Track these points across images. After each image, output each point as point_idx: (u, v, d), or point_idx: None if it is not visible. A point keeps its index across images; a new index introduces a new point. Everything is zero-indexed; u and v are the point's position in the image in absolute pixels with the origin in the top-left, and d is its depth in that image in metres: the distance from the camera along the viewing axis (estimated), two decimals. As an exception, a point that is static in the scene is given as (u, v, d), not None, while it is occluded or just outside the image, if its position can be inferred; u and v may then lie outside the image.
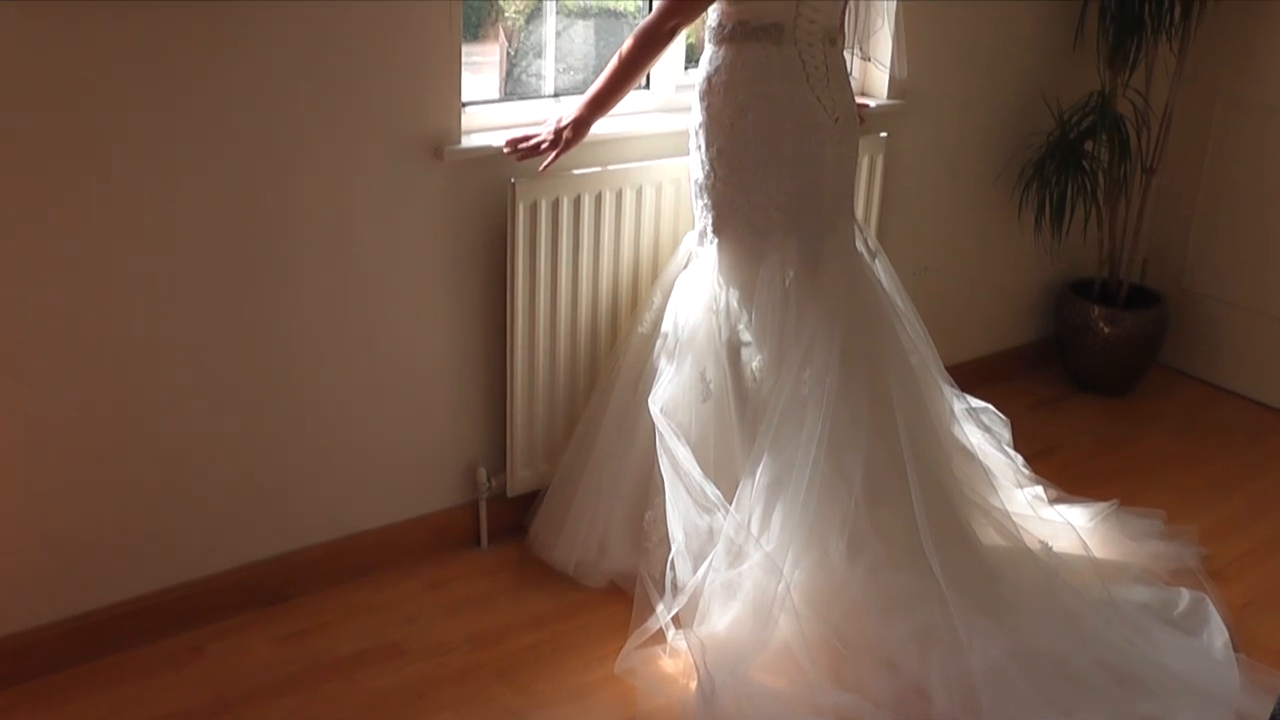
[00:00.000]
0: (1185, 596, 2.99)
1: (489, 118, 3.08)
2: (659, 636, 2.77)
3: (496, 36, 3.36)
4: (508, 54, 3.36)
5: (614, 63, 2.86)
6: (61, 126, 2.43)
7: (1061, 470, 3.59)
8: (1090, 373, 4.29)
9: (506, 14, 3.35)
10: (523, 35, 3.33)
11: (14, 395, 2.52)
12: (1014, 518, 3.03)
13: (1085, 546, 3.06)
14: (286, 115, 2.68)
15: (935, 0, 3.66)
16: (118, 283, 2.58)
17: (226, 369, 2.76)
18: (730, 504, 2.77)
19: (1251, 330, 4.30)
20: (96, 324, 2.57)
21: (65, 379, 2.57)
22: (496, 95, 3.32)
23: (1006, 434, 3.39)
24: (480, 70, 3.32)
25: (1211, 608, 2.94)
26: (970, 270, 4.14)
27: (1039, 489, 3.28)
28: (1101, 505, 3.33)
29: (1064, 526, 3.12)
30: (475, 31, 3.28)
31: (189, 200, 2.61)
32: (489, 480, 3.17)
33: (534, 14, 3.26)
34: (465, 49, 2.91)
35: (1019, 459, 3.34)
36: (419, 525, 3.14)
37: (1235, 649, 2.84)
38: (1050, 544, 3.01)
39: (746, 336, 2.88)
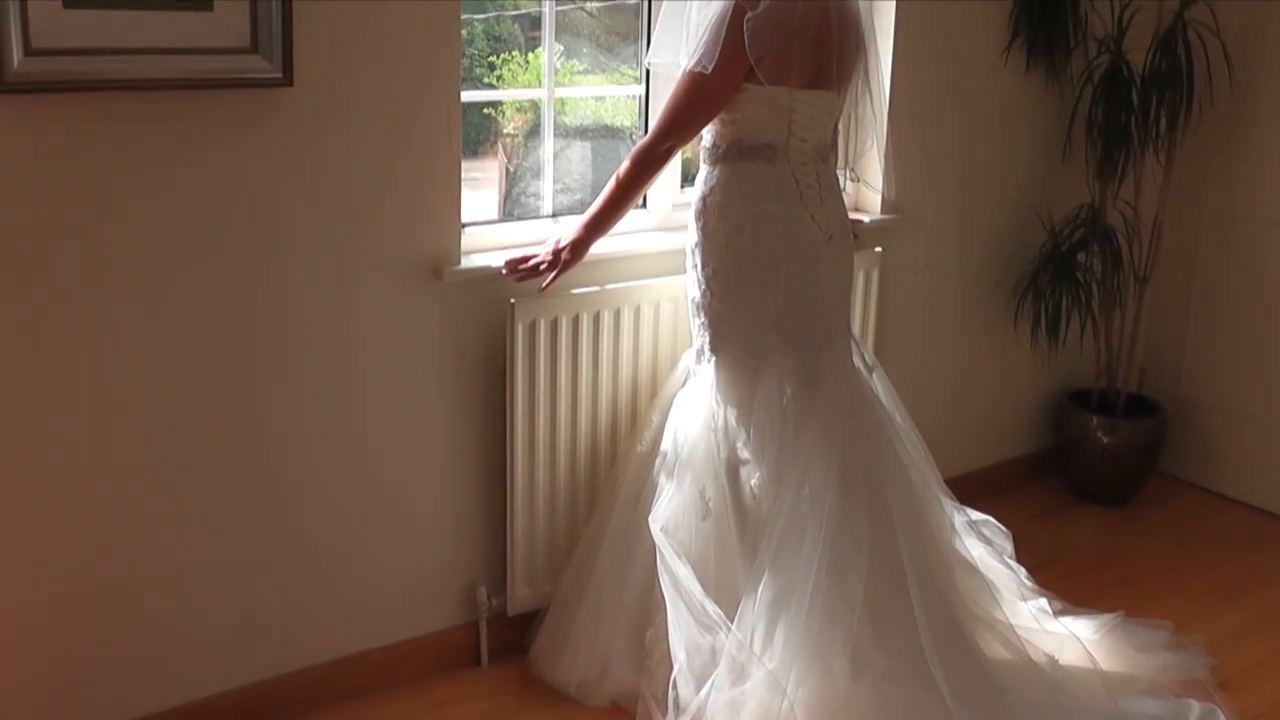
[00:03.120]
0: (1195, 709, 2.96)
1: (488, 238, 3.12)
2: (662, 757, 2.74)
3: (496, 153, 3.42)
4: (507, 170, 3.41)
5: (611, 185, 2.91)
6: (59, 250, 2.47)
7: (1065, 581, 3.56)
8: (1091, 483, 4.29)
9: (506, 130, 3.41)
10: (522, 152, 3.38)
11: (11, 520, 2.52)
12: (1018, 630, 3.01)
13: (1091, 659, 3.03)
14: (287, 237, 2.72)
15: (925, 117, 3.74)
16: (115, 405, 2.59)
17: (225, 489, 2.76)
18: (732, 622, 2.76)
19: (1251, 437, 4.30)
20: (94, 448, 2.59)
21: (63, 503, 2.58)
22: (496, 213, 3.37)
23: (1008, 546, 3.38)
24: (480, 186, 3.38)
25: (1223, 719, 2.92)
26: (968, 382, 4.16)
27: (1043, 601, 3.26)
28: (1107, 616, 3.30)
29: (1069, 639, 3.10)
30: (475, 148, 3.33)
31: (186, 323, 2.64)
32: (489, 599, 3.16)
33: (533, 131, 3.32)
34: (465, 165, 2.96)
35: (1022, 571, 3.32)
36: (419, 645, 3.12)
37: (1247, 762, 2.81)
38: (1056, 656, 2.98)
39: (745, 454, 2.89)
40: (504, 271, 2.93)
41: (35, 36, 2.31)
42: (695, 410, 2.96)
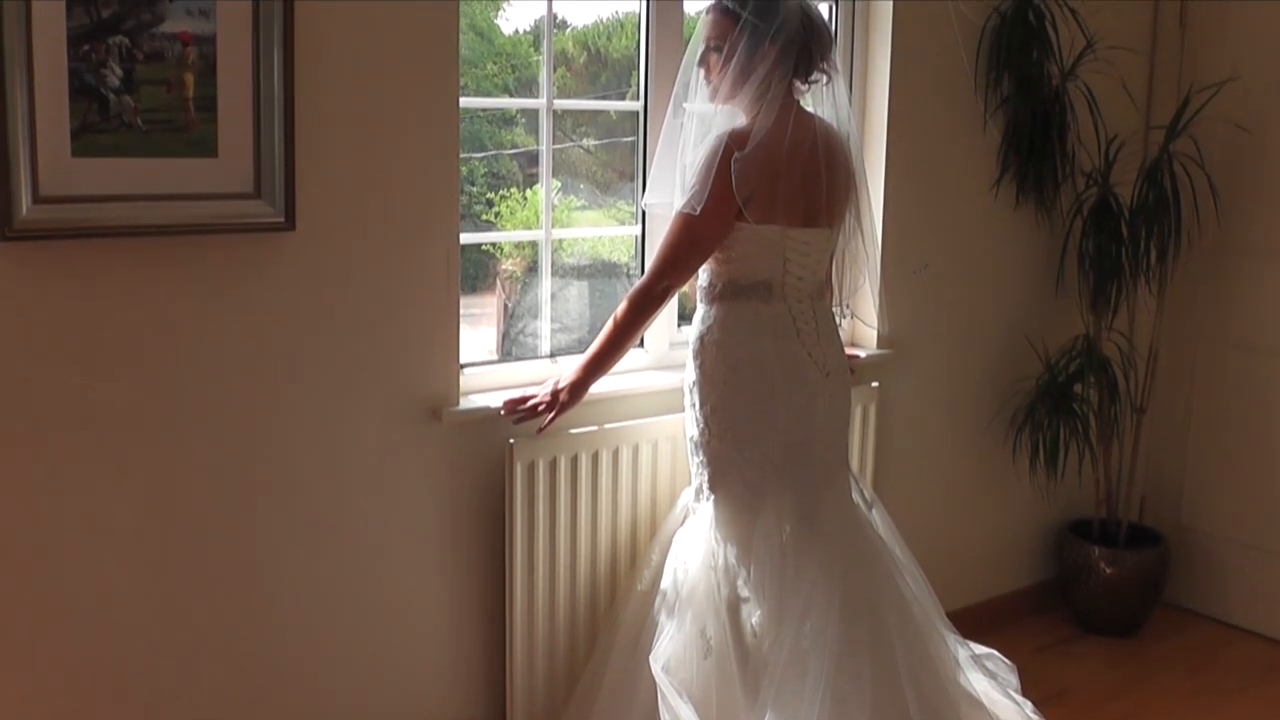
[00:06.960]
0: None
1: (487, 378, 3.14)
2: None
3: (495, 290, 3.46)
4: (505, 307, 3.45)
5: (609, 326, 2.93)
6: (62, 393, 2.48)
7: (1074, 715, 3.52)
8: (1095, 614, 4.25)
9: (504, 268, 3.45)
10: (520, 289, 3.42)
11: (9, 650, 2.51)
12: (1027, 768, 2.97)
13: (1102, 796, 2.98)
14: (287, 378, 2.74)
15: (917, 253, 3.79)
16: (113, 544, 2.59)
17: (222, 627, 2.74)
18: (735, 763, 2.72)
19: (1255, 565, 4.28)
20: (95, 587, 2.58)
21: (55, 634, 2.56)
22: (495, 350, 3.39)
23: (1014, 679, 3.32)
24: (479, 323, 3.41)
25: None
26: (968, 515, 4.14)
27: (1051, 736, 3.22)
28: (1117, 752, 3.26)
29: (1079, 776, 3.05)
30: (474, 284, 3.37)
31: (188, 462, 2.65)
32: (489, 742, 3.12)
33: (531, 268, 3.36)
34: (464, 301, 2.99)
35: (1028, 705, 3.27)
36: (418, 792, 3.07)
37: None
38: (1066, 795, 2.93)
39: (745, 592, 2.86)
40: (503, 412, 2.95)
41: (44, 184, 2.36)
42: (695, 548, 2.94)
